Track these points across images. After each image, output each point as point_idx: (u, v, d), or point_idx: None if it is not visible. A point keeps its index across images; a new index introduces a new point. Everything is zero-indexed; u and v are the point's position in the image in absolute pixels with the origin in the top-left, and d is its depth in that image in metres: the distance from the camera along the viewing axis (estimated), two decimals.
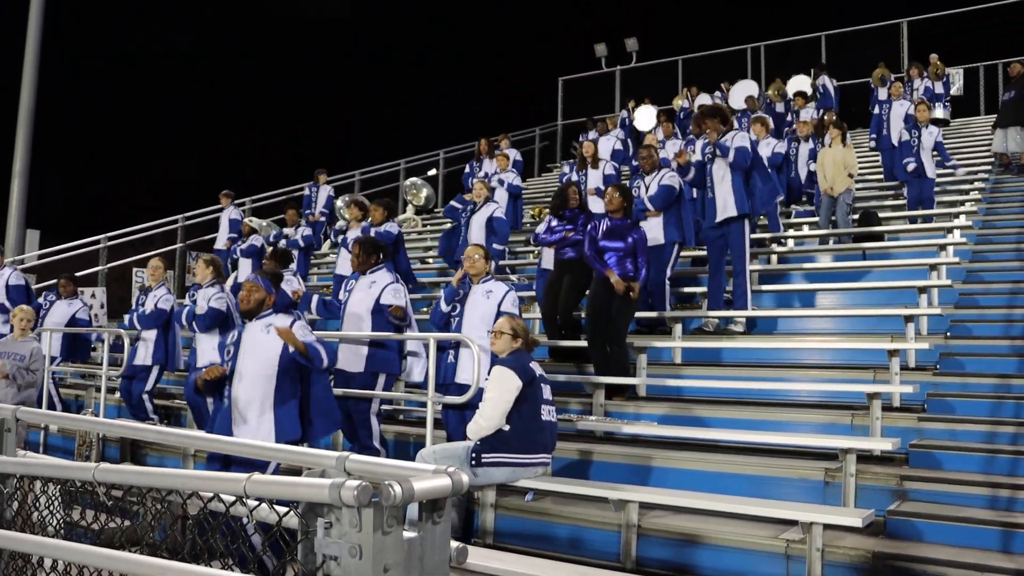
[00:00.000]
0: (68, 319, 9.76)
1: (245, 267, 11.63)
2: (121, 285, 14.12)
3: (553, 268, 8.35)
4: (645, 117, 17.12)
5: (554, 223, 8.27)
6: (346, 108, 32.12)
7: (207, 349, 7.67)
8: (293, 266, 9.80)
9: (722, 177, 8.07)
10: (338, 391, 6.55)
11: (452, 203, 11.21)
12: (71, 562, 2.62)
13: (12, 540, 2.89)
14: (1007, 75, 14.68)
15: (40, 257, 14.34)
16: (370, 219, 9.74)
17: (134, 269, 13.83)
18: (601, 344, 7.17)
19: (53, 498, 3.05)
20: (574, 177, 11.51)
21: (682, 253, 9.08)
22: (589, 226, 7.49)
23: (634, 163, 11.73)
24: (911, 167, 10.92)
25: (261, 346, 5.38)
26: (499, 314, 6.23)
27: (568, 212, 8.18)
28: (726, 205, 8.03)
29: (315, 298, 7.51)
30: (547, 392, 5.49)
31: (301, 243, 11.86)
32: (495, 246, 9.89)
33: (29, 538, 2.84)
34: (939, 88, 15.91)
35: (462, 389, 6.22)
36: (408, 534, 1.85)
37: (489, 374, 5.48)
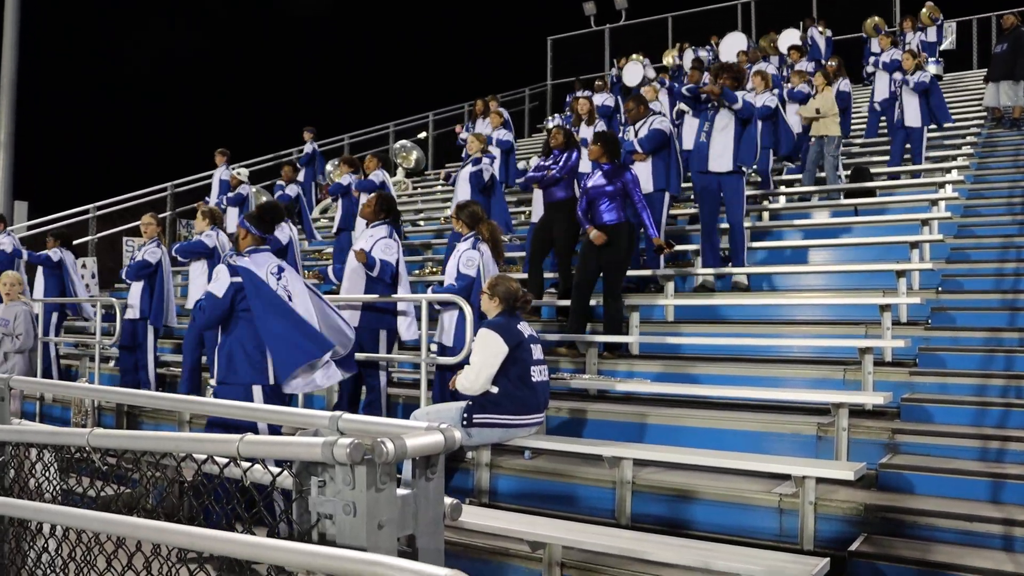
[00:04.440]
0: None
1: (232, 215, 11.65)
2: (112, 255, 14.05)
3: (543, 211, 8.32)
4: (633, 72, 16.97)
5: (539, 162, 8.27)
6: (334, 71, 31.81)
7: (200, 285, 7.67)
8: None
9: (724, 126, 7.95)
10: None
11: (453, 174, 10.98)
12: (69, 527, 2.63)
13: (11, 506, 2.90)
14: (1000, 27, 14.59)
15: (29, 228, 14.24)
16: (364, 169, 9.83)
17: (124, 238, 13.77)
18: (582, 292, 7.17)
19: (49, 465, 3.06)
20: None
21: (672, 212, 9.06)
22: (582, 183, 7.45)
23: (622, 124, 11.65)
24: (896, 116, 10.93)
25: None
26: (458, 275, 6.31)
27: (555, 152, 8.16)
28: (723, 155, 7.93)
29: (330, 269, 7.61)
30: (538, 352, 5.50)
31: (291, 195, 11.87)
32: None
33: (28, 504, 2.85)
34: (932, 35, 15.73)
35: (444, 350, 6.30)
36: (402, 491, 1.86)
37: (475, 335, 5.50)
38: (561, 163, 7.99)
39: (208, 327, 5.26)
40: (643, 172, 8.22)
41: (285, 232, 8.54)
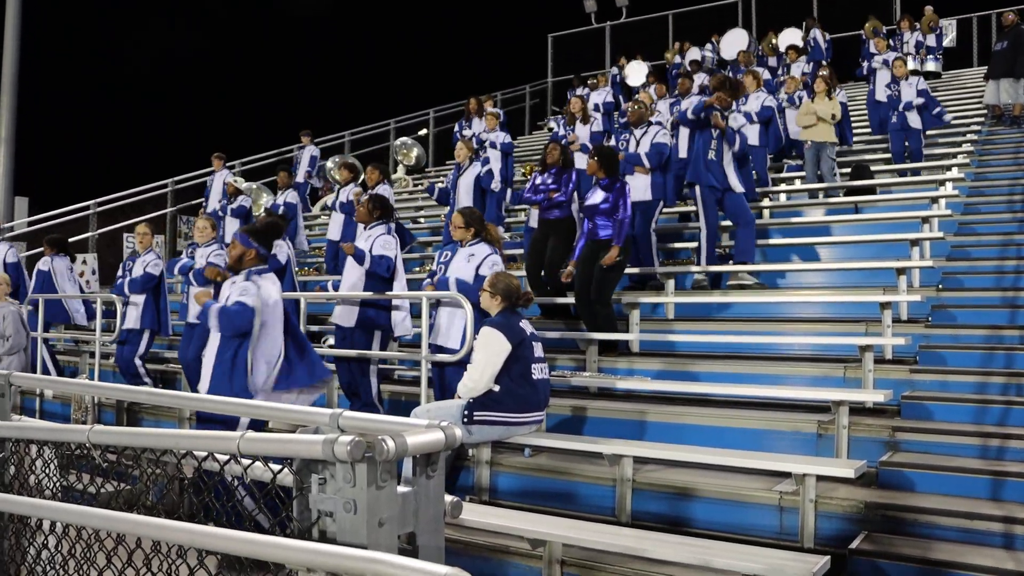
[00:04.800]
0: None
1: (232, 227, 11.54)
2: (112, 251, 14.05)
3: (537, 226, 8.33)
4: (636, 73, 16.98)
5: (538, 181, 8.24)
6: (335, 68, 31.77)
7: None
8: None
9: (728, 150, 8.12)
10: (336, 351, 6.81)
11: (437, 186, 10.80)
12: (69, 523, 2.63)
13: (11, 503, 2.90)
14: (1000, 25, 14.57)
15: (29, 224, 14.24)
16: (366, 180, 9.78)
17: (125, 234, 13.74)
18: (588, 303, 7.18)
19: (49, 461, 3.06)
20: (560, 132, 11.48)
21: (667, 209, 9.10)
22: (585, 200, 7.47)
23: (621, 119, 11.65)
24: (893, 120, 10.92)
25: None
26: (477, 277, 6.24)
27: (553, 169, 8.15)
28: (731, 178, 8.09)
29: (330, 284, 7.63)
30: (538, 350, 5.50)
31: (282, 210, 11.73)
32: (492, 187, 9.93)
33: (28, 500, 2.85)
34: (931, 40, 15.76)
35: (443, 351, 6.29)
36: (402, 488, 1.85)
37: (477, 334, 5.49)
38: (563, 185, 8.01)
39: (232, 332, 5.22)
40: (642, 182, 8.27)
41: (284, 251, 8.53)
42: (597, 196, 7.25)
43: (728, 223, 8.46)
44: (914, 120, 10.83)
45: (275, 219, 7.58)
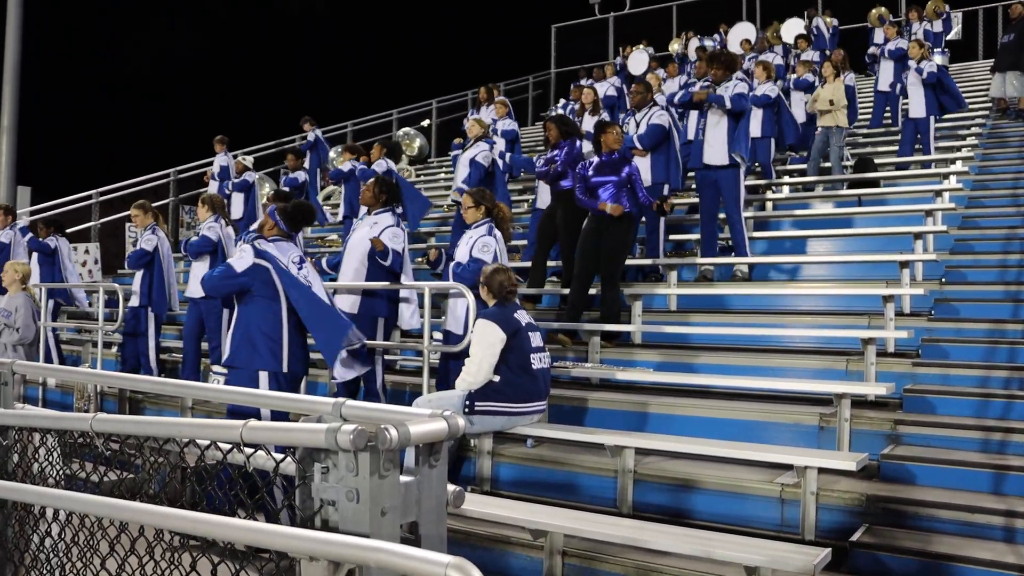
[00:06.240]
0: None
1: (237, 201, 11.56)
2: (114, 240, 14.05)
3: (551, 199, 8.34)
4: (638, 61, 16.95)
5: (548, 155, 8.30)
6: (337, 59, 31.71)
7: (196, 278, 7.67)
8: None
9: (716, 122, 7.99)
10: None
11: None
12: (72, 511, 2.64)
13: (14, 490, 2.91)
14: (1007, 17, 14.52)
15: (32, 213, 14.23)
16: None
17: (127, 224, 13.75)
18: (588, 280, 7.15)
19: (52, 450, 3.07)
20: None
21: (674, 200, 9.05)
22: (579, 167, 7.45)
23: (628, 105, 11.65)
24: (903, 106, 10.89)
25: None
26: (471, 259, 6.22)
27: (562, 143, 8.18)
28: (717, 149, 7.98)
29: (323, 261, 7.60)
30: (537, 340, 5.50)
31: (285, 187, 11.83)
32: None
33: (31, 488, 2.86)
34: (938, 27, 15.68)
35: (449, 336, 6.27)
36: (405, 478, 1.85)
37: (473, 325, 5.49)
38: (562, 156, 8.00)
39: (214, 294, 5.27)
40: (642, 165, 8.25)
41: None
42: (602, 168, 7.22)
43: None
44: (917, 108, 10.75)
45: (310, 204, 7.50)
